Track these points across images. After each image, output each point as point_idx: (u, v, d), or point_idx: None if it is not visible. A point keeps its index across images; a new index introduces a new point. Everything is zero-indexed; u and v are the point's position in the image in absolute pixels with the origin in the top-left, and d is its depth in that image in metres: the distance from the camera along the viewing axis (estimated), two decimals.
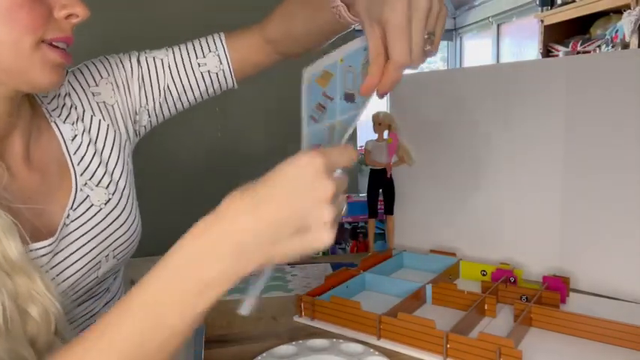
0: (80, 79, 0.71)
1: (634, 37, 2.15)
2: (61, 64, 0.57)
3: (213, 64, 0.77)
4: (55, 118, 0.68)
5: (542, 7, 2.83)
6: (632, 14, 2.14)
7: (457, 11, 4.79)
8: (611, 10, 2.37)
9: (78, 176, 0.67)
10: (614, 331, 0.70)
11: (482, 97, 1.02)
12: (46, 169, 0.65)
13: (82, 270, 0.64)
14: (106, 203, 0.68)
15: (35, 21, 0.54)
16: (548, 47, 2.75)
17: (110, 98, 0.72)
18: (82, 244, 0.64)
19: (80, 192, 0.66)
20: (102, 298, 0.71)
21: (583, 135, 0.91)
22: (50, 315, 0.51)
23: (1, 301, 0.47)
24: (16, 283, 0.50)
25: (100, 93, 0.71)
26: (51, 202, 0.63)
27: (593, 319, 0.72)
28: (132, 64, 0.74)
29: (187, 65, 0.76)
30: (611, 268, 0.89)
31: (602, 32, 2.46)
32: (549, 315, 0.76)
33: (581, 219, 0.92)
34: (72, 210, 0.64)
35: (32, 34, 0.54)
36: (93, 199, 0.67)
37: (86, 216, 0.65)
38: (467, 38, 4.87)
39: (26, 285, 0.50)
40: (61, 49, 0.57)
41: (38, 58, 0.55)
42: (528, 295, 0.83)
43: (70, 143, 0.68)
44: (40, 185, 0.63)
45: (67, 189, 0.65)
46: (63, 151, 0.67)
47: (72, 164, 0.67)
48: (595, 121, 0.89)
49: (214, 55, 0.77)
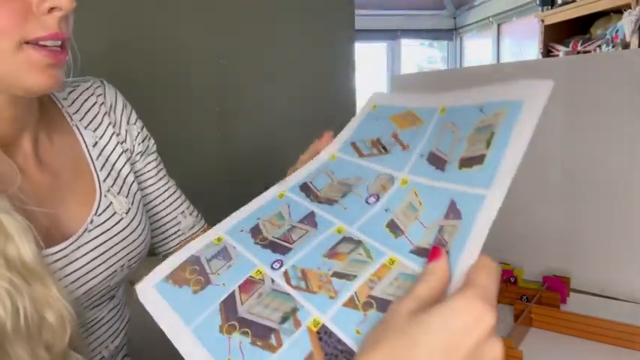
0: (121, 104, 0.70)
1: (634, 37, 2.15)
2: (50, 65, 0.52)
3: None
4: (76, 122, 0.66)
5: (542, 6, 2.83)
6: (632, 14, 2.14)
7: (457, 11, 4.79)
8: (611, 9, 2.37)
9: (102, 182, 0.65)
10: (614, 331, 0.70)
11: None
12: (59, 172, 0.62)
13: (98, 278, 0.62)
14: (127, 212, 0.66)
15: (9, 21, 0.48)
16: (548, 47, 2.75)
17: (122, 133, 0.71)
18: (102, 252, 0.62)
19: (104, 198, 0.64)
20: (107, 305, 0.69)
21: (583, 135, 0.91)
22: (66, 321, 0.50)
23: (23, 304, 0.46)
24: (32, 288, 0.48)
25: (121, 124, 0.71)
26: (64, 206, 0.61)
27: (593, 319, 0.72)
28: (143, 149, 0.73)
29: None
30: (611, 268, 0.89)
31: (603, 32, 2.46)
32: (549, 315, 0.76)
33: (581, 219, 0.92)
34: (96, 216, 0.62)
35: (8, 36, 0.49)
36: (116, 206, 0.65)
37: (109, 223, 0.63)
38: (467, 38, 4.87)
39: (42, 290, 0.49)
40: (49, 48, 0.51)
41: (22, 61, 0.50)
42: (528, 295, 0.83)
43: (92, 149, 0.66)
44: (53, 187, 0.61)
45: (83, 193, 0.63)
46: (84, 155, 0.65)
47: (94, 169, 0.65)
48: (595, 121, 0.89)
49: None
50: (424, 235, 0.42)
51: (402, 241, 0.43)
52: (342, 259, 0.44)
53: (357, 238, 0.45)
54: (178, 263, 0.48)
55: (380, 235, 0.44)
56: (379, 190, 0.48)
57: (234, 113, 1.42)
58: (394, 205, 0.46)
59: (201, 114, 1.38)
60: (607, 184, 0.89)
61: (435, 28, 4.90)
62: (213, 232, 0.51)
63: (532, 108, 0.40)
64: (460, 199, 0.41)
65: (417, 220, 0.43)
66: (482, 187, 0.39)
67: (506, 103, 0.42)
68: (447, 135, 0.45)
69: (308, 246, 0.46)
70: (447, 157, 0.44)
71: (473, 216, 0.39)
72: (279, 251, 0.47)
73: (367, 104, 0.57)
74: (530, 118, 0.39)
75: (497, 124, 0.41)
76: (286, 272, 0.45)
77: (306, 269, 0.44)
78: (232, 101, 1.42)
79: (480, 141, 0.42)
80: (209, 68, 1.37)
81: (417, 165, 0.46)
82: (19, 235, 0.48)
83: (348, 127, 0.57)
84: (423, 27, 4.85)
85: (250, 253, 0.48)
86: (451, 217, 0.41)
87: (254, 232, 0.50)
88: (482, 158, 0.41)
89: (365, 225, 0.46)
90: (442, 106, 0.48)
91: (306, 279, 0.44)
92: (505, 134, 0.40)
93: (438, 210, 0.42)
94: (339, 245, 0.45)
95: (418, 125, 0.49)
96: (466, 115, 0.44)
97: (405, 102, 0.52)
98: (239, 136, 1.43)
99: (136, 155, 0.72)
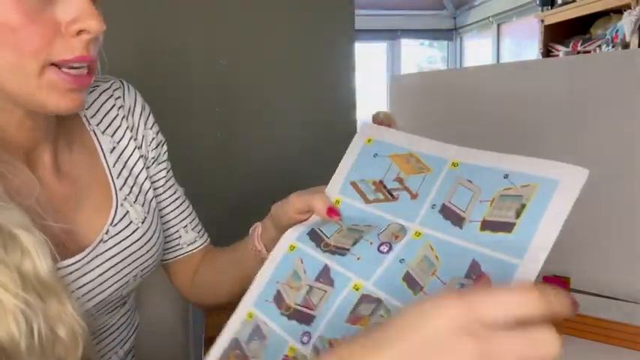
0: (140, 107, 0.69)
1: (634, 37, 2.15)
2: (73, 90, 0.50)
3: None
4: (94, 127, 0.64)
5: (542, 7, 2.83)
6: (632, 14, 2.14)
7: (457, 11, 4.79)
8: (611, 9, 2.37)
9: (118, 190, 0.63)
10: (614, 331, 0.70)
11: (482, 98, 1.02)
12: (77, 180, 0.61)
13: (111, 289, 0.61)
14: (142, 222, 0.64)
15: (36, 42, 0.46)
16: (548, 47, 2.75)
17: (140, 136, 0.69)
18: (115, 262, 0.61)
19: (121, 207, 0.62)
20: (119, 312, 0.69)
21: (582, 135, 0.90)
22: (78, 337, 0.49)
23: (37, 323, 0.45)
24: (47, 305, 0.47)
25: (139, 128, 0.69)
26: (80, 216, 0.59)
27: (593, 319, 0.72)
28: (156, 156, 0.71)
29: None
30: (611, 268, 0.89)
31: (603, 32, 2.46)
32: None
33: (581, 219, 0.92)
34: (112, 226, 0.61)
35: (34, 58, 0.47)
36: (132, 216, 0.63)
37: (124, 233, 0.62)
38: (467, 38, 4.87)
39: (57, 306, 0.48)
40: (74, 71, 0.50)
41: (45, 83, 0.49)
42: None
43: (109, 155, 0.64)
44: (70, 197, 0.59)
45: (99, 203, 0.62)
46: (101, 162, 0.63)
47: (111, 177, 0.63)
48: (595, 121, 0.89)
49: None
50: (442, 291, 0.42)
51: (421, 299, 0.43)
52: (364, 324, 0.44)
53: (376, 295, 0.45)
54: (222, 350, 0.50)
55: (398, 290, 0.44)
56: (390, 239, 0.47)
57: (234, 113, 1.42)
58: (409, 256, 0.45)
59: (201, 114, 1.38)
60: (607, 184, 0.88)
61: (435, 28, 4.89)
62: (243, 307, 0.51)
63: (569, 190, 0.42)
64: (484, 260, 0.41)
65: (435, 276, 0.43)
66: (512, 256, 0.40)
67: (539, 179, 0.43)
68: (463, 191, 0.45)
69: (329, 311, 0.46)
70: (464, 215, 0.44)
71: (504, 282, 0.39)
72: (304, 321, 0.47)
73: (359, 136, 0.56)
74: (567, 200, 0.41)
75: (529, 196, 0.42)
76: (315, 346, 0.45)
77: (332, 340, 0.45)
78: (232, 101, 1.42)
79: (508, 208, 0.42)
80: (209, 68, 1.37)
81: (429, 217, 0.46)
82: (36, 251, 0.47)
83: (345, 163, 0.55)
84: (423, 27, 4.85)
85: (279, 327, 0.48)
86: (475, 278, 0.41)
87: (278, 301, 0.50)
88: (510, 227, 0.41)
89: (381, 279, 0.45)
90: (454, 160, 0.48)
91: None
92: (538, 209, 0.41)
93: (457, 267, 0.42)
94: (360, 307, 0.45)
95: (426, 173, 0.49)
96: (487, 177, 0.45)
97: (405, 143, 0.52)
98: (239, 136, 1.43)
99: (149, 160, 0.70)
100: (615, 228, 0.88)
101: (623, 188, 0.87)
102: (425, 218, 0.47)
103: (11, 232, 0.46)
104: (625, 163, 0.86)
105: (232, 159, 1.43)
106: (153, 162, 0.70)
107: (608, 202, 0.89)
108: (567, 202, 0.41)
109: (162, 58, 1.32)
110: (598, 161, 0.89)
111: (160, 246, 0.68)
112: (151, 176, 0.70)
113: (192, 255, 0.75)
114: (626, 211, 0.87)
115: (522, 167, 0.44)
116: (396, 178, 0.50)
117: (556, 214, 0.41)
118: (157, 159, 0.71)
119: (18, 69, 0.47)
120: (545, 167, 0.43)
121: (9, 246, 0.46)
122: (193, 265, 0.76)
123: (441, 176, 0.47)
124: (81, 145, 0.63)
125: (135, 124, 0.68)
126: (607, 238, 0.89)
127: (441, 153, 0.49)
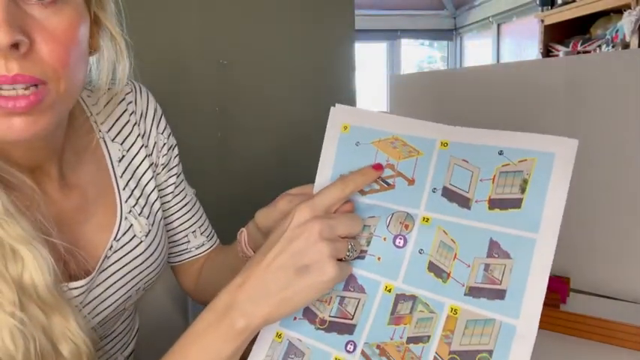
0: (152, 111, 0.67)
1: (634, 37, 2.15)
2: (7, 114, 0.43)
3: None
4: (104, 134, 0.61)
5: (542, 7, 2.83)
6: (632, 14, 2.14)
7: (457, 11, 4.79)
8: (611, 10, 2.38)
9: (123, 203, 0.61)
10: (614, 331, 0.70)
11: (482, 98, 1.02)
12: (83, 192, 0.59)
13: (115, 304, 0.60)
14: (146, 235, 0.62)
15: None
16: (548, 47, 2.75)
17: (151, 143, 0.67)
18: (119, 277, 0.59)
19: (125, 220, 0.60)
20: (119, 319, 0.68)
21: (583, 135, 0.90)
22: (82, 355, 0.48)
23: (35, 339, 0.44)
24: (50, 320, 0.46)
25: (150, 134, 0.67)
26: (85, 230, 0.57)
27: (593, 319, 0.72)
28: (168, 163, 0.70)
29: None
30: (611, 268, 0.89)
31: (603, 32, 2.46)
32: (549, 315, 0.76)
33: (581, 219, 0.92)
34: (115, 240, 0.59)
35: None
36: (136, 229, 0.61)
37: (127, 248, 0.60)
38: (467, 38, 4.87)
39: (59, 322, 0.47)
40: (2, 92, 0.42)
41: None
42: None
43: (117, 165, 0.61)
44: (75, 210, 0.57)
45: (105, 215, 0.59)
46: (108, 173, 0.61)
47: (117, 188, 0.61)
48: (595, 121, 0.89)
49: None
50: (469, 273, 0.44)
51: (453, 286, 0.44)
52: (408, 322, 0.45)
53: (410, 292, 0.46)
54: None
55: (427, 283, 0.45)
56: (400, 229, 0.48)
57: (234, 113, 1.42)
58: (426, 245, 0.46)
59: (201, 114, 1.38)
60: (607, 185, 0.88)
61: (435, 28, 4.90)
62: (268, 330, 0.50)
63: (565, 161, 0.43)
64: (503, 239, 0.43)
65: (458, 260, 0.45)
66: (528, 231, 0.42)
67: (536, 153, 0.44)
68: (461, 172, 0.46)
69: (369, 317, 0.47)
70: (469, 195, 0.45)
71: (527, 257, 0.42)
72: (345, 331, 0.47)
73: (333, 123, 0.53)
74: (566, 171, 0.43)
75: (529, 171, 0.44)
76: (364, 352, 0.45)
77: (380, 344, 0.45)
78: (232, 101, 1.42)
79: (511, 185, 0.44)
80: (209, 68, 1.37)
81: (433, 201, 0.47)
82: (37, 266, 0.46)
83: (326, 156, 0.52)
84: (423, 27, 4.85)
85: (318, 341, 0.48)
86: (497, 256, 0.43)
87: (308, 316, 0.50)
88: (518, 202, 0.43)
89: (408, 276, 0.46)
90: (442, 140, 0.48)
91: (386, 354, 0.45)
92: (542, 182, 0.43)
93: (476, 248, 0.44)
94: (398, 307, 0.46)
95: (417, 157, 0.48)
96: (481, 156, 0.46)
97: (385, 126, 0.50)
98: (239, 136, 1.43)
99: (159, 167, 0.68)
100: (615, 228, 0.88)
101: (623, 188, 0.87)
102: (429, 203, 0.47)
103: (12, 247, 0.45)
104: (625, 163, 0.86)
105: (232, 159, 1.43)
106: (163, 168, 0.68)
107: (608, 202, 0.89)
108: (566, 173, 0.43)
109: (162, 57, 1.32)
110: (598, 161, 0.89)
111: (164, 258, 0.67)
112: (160, 184, 0.68)
113: (200, 257, 0.74)
114: (626, 211, 0.87)
115: (516, 143, 0.45)
116: (387, 165, 0.49)
117: (559, 185, 0.42)
118: (168, 164, 0.69)
119: None
120: (538, 141, 0.44)
121: (9, 260, 0.45)
122: (200, 266, 0.75)
123: (433, 158, 0.47)
124: (89, 154, 0.60)
125: (147, 129, 0.66)
126: (607, 238, 0.89)
127: (427, 133, 0.49)
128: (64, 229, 0.53)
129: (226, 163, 1.42)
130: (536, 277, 0.41)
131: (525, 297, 0.41)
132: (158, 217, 0.66)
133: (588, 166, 0.91)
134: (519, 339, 0.40)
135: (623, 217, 0.87)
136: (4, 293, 0.44)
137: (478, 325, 0.42)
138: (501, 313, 0.42)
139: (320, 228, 0.45)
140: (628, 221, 0.87)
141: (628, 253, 0.87)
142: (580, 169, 0.91)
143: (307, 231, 0.45)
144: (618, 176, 0.87)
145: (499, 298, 0.42)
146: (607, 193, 0.89)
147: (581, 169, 0.90)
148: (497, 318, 0.42)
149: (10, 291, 0.44)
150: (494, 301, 0.42)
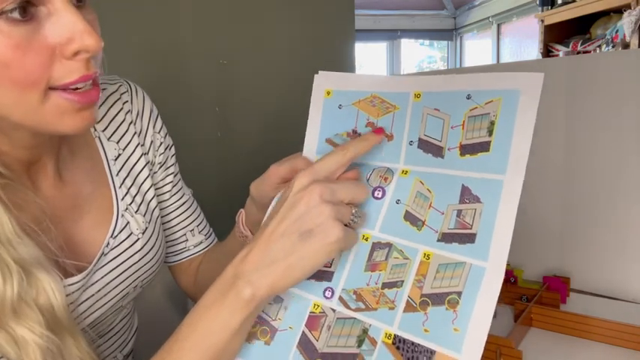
0: (148, 111, 0.67)
1: (634, 37, 2.15)
2: (83, 108, 0.47)
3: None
4: (99, 133, 0.62)
5: (542, 6, 2.83)
6: (632, 14, 2.14)
7: (457, 11, 4.79)
8: (611, 10, 2.37)
9: (119, 200, 0.61)
10: (614, 331, 0.70)
11: None
12: (79, 189, 0.59)
13: (111, 302, 0.60)
14: (143, 232, 0.62)
15: (33, 74, 0.43)
16: (548, 47, 2.75)
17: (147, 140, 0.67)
18: (116, 275, 0.60)
19: (121, 218, 0.61)
20: (117, 317, 0.68)
21: (583, 135, 0.90)
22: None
23: (58, 357, 0.45)
24: (63, 342, 0.47)
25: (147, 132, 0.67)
26: (81, 226, 0.58)
27: (593, 319, 0.72)
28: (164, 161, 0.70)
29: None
30: (611, 268, 0.89)
31: (603, 32, 2.46)
32: (549, 315, 0.76)
33: (581, 219, 0.92)
34: (112, 238, 0.59)
35: (34, 89, 0.44)
36: (132, 226, 0.61)
37: (124, 245, 0.60)
38: (467, 38, 4.87)
39: (71, 341, 0.47)
40: (79, 90, 0.46)
41: (51, 109, 0.45)
42: (528, 295, 0.83)
43: (112, 163, 0.62)
44: (71, 207, 0.58)
45: (101, 213, 0.60)
46: (104, 170, 0.61)
47: (113, 186, 0.61)
48: (595, 122, 0.89)
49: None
50: (442, 220, 0.45)
51: (427, 233, 0.45)
52: (383, 269, 0.46)
53: (385, 240, 0.47)
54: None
55: (402, 230, 0.46)
56: (380, 182, 0.49)
57: (234, 113, 1.42)
58: (403, 196, 0.48)
59: (201, 114, 1.38)
60: (607, 185, 0.88)
61: (435, 28, 4.90)
62: None
63: (530, 97, 0.42)
64: (473, 184, 0.44)
65: (432, 208, 0.46)
66: (496, 173, 0.43)
67: (500, 92, 0.44)
68: (433, 121, 0.47)
69: (346, 265, 0.48)
70: (441, 144, 0.46)
71: (495, 199, 0.43)
72: (323, 278, 0.48)
73: (317, 90, 0.55)
74: (531, 107, 0.42)
75: (496, 112, 0.44)
76: (341, 298, 0.47)
77: (357, 289, 0.46)
78: (232, 101, 1.42)
79: (479, 129, 0.44)
80: (209, 68, 1.37)
81: (410, 154, 0.48)
82: (51, 288, 0.46)
83: (313, 122, 0.55)
84: (423, 27, 4.85)
85: (297, 288, 0.49)
86: (468, 202, 0.44)
87: None
88: (487, 145, 0.44)
89: (385, 224, 0.48)
90: (415, 91, 0.48)
91: (362, 299, 0.46)
92: (508, 122, 0.43)
93: (450, 195, 0.45)
94: (374, 255, 0.47)
95: (393, 111, 0.49)
96: (451, 102, 0.46)
97: (363, 85, 0.52)
98: (239, 136, 1.43)
99: (156, 166, 0.68)
100: (615, 228, 0.88)
101: (624, 188, 0.87)
102: (407, 156, 0.48)
103: (28, 270, 0.45)
104: (624, 163, 0.86)
105: (232, 159, 1.43)
106: (160, 167, 0.68)
107: (608, 202, 0.88)
108: (532, 109, 0.42)
109: (162, 58, 1.32)
110: (598, 161, 0.89)
111: (161, 255, 0.67)
112: (157, 182, 0.69)
113: (198, 256, 0.75)
114: (625, 211, 0.87)
115: (482, 84, 0.45)
116: (368, 123, 0.51)
117: (524, 122, 0.42)
118: (165, 163, 0.69)
119: (20, 103, 0.44)
120: (502, 80, 0.44)
121: (26, 283, 0.45)
122: (199, 264, 0.75)
123: (408, 111, 0.48)
124: (85, 152, 0.61)
125: (143, 128, 0.66)
126: (607, 239, 0.89)
127: (401, 87, 0.49)
128: (58, 226, 0.54)
129: (226, 162, 1.42)
130: (504, 219, 0.42)
131: (494, 239, 0.42)
132: (155, 215, 0.66)
133: (588, 166, 0.91)
134: (488, 280, 0.41)
135: (623, 217, 0.87)
136: (29, 316, 0.44)
137: (449, 269, 0.43)
138: (471, 256, 0.42)
139: (320, 191, 0.44)
140: (628, 221, 0.87)
141: (628, 254, 0.87)
142: (580, 169, 0.91)
143: (307, 195, 0.45)
144: (618, 176, 0.87)
145: (470, 242, 0.43)
146: (607, 193, 0.89)
147: (581, 169, 0.90)
148: (467, 261, 0.43)
149: (34, 313, 0.45)
150: (465, 245, 0.43)
